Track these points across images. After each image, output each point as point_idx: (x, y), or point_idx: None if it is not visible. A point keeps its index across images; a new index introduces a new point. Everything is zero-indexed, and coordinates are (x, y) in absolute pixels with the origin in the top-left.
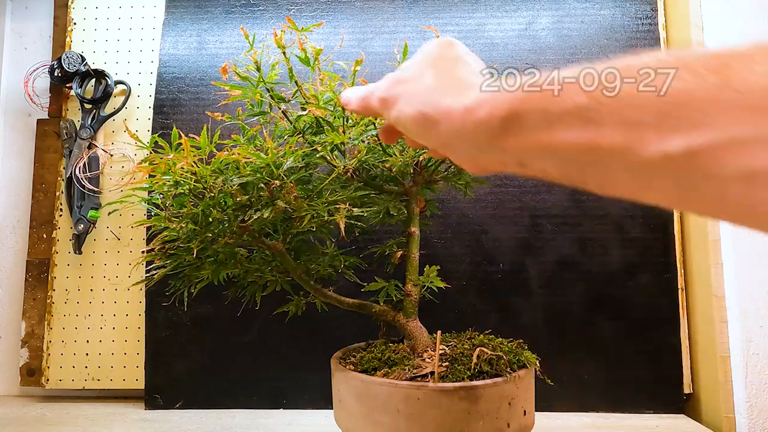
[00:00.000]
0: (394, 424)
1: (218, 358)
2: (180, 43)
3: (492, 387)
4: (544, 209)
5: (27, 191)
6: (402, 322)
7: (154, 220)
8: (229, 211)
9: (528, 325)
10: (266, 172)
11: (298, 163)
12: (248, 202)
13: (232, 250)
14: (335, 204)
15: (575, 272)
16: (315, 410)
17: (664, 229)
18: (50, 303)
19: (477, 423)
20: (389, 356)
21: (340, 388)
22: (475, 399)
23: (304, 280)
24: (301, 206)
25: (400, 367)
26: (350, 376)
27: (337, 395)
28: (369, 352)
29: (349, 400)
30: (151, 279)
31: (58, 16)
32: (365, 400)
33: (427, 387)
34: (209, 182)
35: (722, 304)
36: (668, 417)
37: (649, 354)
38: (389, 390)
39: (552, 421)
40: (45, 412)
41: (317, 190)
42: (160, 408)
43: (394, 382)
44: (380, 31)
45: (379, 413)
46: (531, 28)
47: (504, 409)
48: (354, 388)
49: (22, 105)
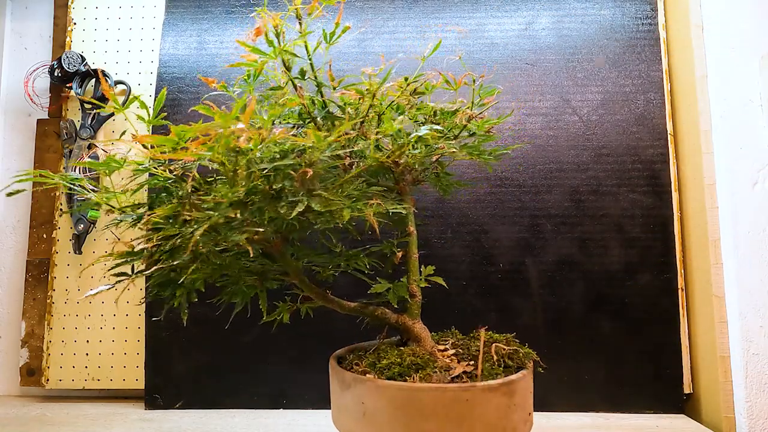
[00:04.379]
0: (441, 429)
1: (218, 358)
2: (180, 43)
3: (522, 380)
4: (544, 209)
5: (27, 191)
6: (408, 325)
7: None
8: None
9: (528, 324)
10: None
11: (336, 150)
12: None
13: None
14: (366, 198)
15: (575, 272)
16: (315, 410)
17: (664, 229)
18: (50, 303)
19: (513, 416)
20: (411, 360)
21: (366, 400)
22: (513, 393)
23: (306, 284)
24: (335, 199)
25: (429, 370)
26: (384, 385)
27: (357, 408)
28: (379, 357)
29: (381, 412)
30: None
31: (58, 16)
32: (406, 408)
33: (475, 387)
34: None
35: (722, 304)
36: (668, 417)
37: (649, 354)
38: (436, 395)
39: (552, 420)
40: (45, 412)
41: (339, 183)
42: (160, 408)
43: (442, 386)
44: (380, 31)
45: (423, 420)
46: (531, 28)
47: (529, 400)
48: (390, 398)
49: (22, 105)
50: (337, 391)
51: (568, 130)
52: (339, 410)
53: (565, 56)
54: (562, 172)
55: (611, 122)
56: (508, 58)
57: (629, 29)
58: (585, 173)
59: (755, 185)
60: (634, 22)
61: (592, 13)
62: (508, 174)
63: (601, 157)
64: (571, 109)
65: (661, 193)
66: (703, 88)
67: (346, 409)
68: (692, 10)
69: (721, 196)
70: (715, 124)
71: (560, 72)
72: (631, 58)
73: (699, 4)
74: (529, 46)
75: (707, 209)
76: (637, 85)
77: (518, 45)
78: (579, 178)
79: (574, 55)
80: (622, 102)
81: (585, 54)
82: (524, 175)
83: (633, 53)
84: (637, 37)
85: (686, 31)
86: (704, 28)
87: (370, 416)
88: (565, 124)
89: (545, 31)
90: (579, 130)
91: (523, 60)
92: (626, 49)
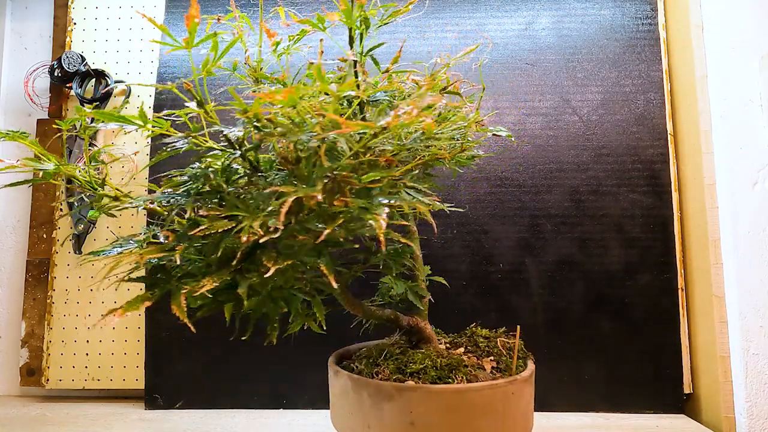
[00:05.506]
0: (492, 424)
1: (218, 358)
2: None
3: (533, 370)
4: (544, 209)
5: (27, 191)
6: (421, 326)
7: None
8: (341, 206)
9: (528, 324)
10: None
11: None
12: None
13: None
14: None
15: (575, 272)
16: (315, 410)
17: (664, 229)
18: (50, 303)
19: (532, 400)
20: (441, 362)
21: (415, 408)
22: (533, 382)
23: (345, 293)
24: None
25: (464, 370)
26: (436, 390)
27: (403, 419)
28: (400, 362)
29: (433, 418)
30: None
31: (58, 16)
32: (459, 410)
33: (517, 380)
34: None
35: (722, 304)
36: (668, 417)
37: (649, 354)
38: (488, 392)
39: (552, 420)
40: (45, 412)
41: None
42: (160, 408)
43: (493, 383)
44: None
45: (476, 419)
46: (531, 28)
47: (534, 386)
48: (443, 403)
49: (22, 105)
50: (367, 405)
51: (568, 130)
52: (371, 426)
53: (565, 56)
54: (562, 172)
55: (611, 122)
56: (508, 58)
57: (629, 29)
58: (585, 173)
59: (755, 185)
60: (634, 22)
61: (592, 13)
62: (508, 174)
63: (601, 157)
64: (571, 109)
65: (661, 193)
66: (703, 88)
67: (384, 423)
68: (692, 10)
69: (721, 196)
70: (715, 124)
71: (560, 72)
72: (631, 58)
73: (699, 4)
74: (529, 46)
75: (707, 209)
76: (637, 85)
77: (518, 45)
78: (579, 178)
79: (574, 55)
80: (622, 102)
81: (585, 54)
82: (524, 175)
83: (633, 53)
84: (637, 37)
85: (686, 31)
86: (704, 28)
87: (422, 425)
88: (565, 124)
89: (545, 31)
90: (579, 130)
91: (523, 60)
92: (626, 49)
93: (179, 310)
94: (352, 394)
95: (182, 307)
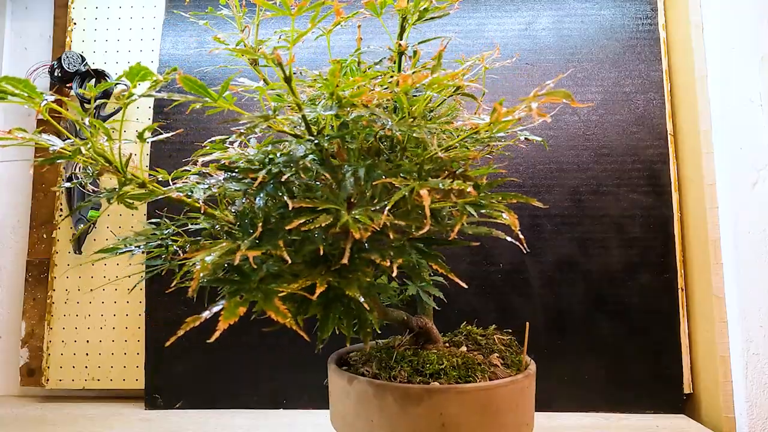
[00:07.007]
0: (515, 419)
1: (218, 358)
2: (180, 43)
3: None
4: (544, 209)
5: (27, 191)
6: (429, 327)
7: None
8: None
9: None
10: None
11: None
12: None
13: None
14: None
15: (575, 272)
16: (315, 410)
17: (664, 229)
18: (50, 303)
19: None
20: (458, 361)
21: (445, 410)
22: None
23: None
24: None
25: (480, 368)
26: (466, 390)
27: (434, 421)
28: (415, 363)
29: (463, 418)
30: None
31: (58, 16)
32: (487, 408)
33: (530, 375)
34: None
35: (722, 304)
36: (668, 417)
37: (649, 354)
38: (511, 388)
39: (552, 421)
40: (45, 412)
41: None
42: (160, 408)
43: (514, 379)
44: (380, 30)
45: (501, 416)
46: (531, 28)
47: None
48: (473, 402)
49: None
50: (393, 410)
51: (568, 130)
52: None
53: (565, 56)
54: (562, 172)
55: (611, 122)
56: (508, 58)
57: (629, 29)
58: (585, 173)
59: (755, 185)
60: (634, 22)
61: (592, 13)
62: (508, 174)
63: (601, 157)
64: (571, 109)
65: (661, 193)
66: (703, 88)
67: (415, 427)
68: (692, 10)
69: (721, 196)
70: (715, 124)
71: (560, 72)
72: (631, 58)
73: (699, 4)
74: (529, 46)
75: (707, 209)
76: (637, 85)
77: (518, 45)
78: (579, 178)
79: (574, 55)
80: (622, 102)
81: (585, 54)
82: (524, 175)
83: (633, 53)
84: (637, 37)
85: (686, 31)
86: (704, 28)
87: (452, 426)
88: (565, 124)
89: (545, 31)
90: (579, 130)
91: (523, 60)
92: (626, 49)
93: (278, 314)
94: (374, 400)
95: (283, 311)
